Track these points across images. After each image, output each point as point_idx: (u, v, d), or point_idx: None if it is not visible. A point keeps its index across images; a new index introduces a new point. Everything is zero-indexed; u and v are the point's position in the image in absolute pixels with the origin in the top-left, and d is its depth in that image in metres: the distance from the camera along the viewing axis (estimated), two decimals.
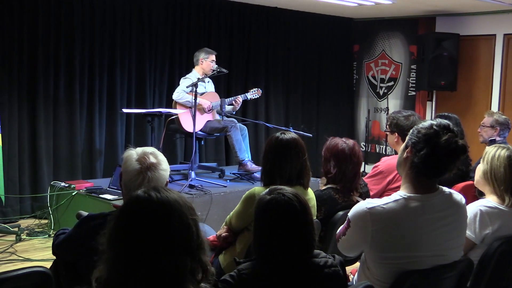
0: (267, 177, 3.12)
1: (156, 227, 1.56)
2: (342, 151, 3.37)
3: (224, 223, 3.27)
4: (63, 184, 5.71)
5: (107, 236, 1.60)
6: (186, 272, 1.56)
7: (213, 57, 6.31)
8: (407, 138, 2.43)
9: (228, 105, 6.34)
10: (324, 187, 3.45)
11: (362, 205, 2.35)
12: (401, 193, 2.36)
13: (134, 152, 2.53)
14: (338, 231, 2.53)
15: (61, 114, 6.34)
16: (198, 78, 6.05)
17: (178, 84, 6.32)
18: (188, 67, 7.01)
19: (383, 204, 2.31)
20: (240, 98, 6.40)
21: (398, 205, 2.31)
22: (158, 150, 2.59)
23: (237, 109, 6.48)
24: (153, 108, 6.86)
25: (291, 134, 3.21)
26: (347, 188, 3.40)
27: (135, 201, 1.61)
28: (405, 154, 2.40)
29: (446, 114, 4.66)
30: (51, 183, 5.87)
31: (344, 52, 9.26)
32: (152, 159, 2.50)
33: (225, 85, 7.74)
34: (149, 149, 2.56)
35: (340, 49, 9.19)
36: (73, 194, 5.53)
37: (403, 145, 2.44)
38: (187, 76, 6.29)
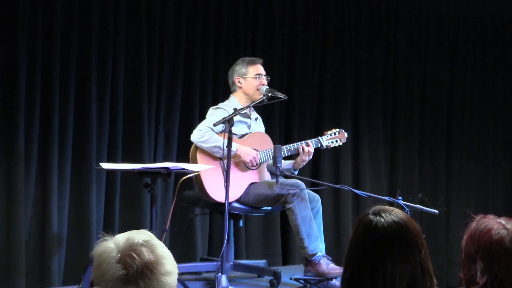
0: None
1: None
2: (498, 242, 3.32)
3: None
4: None
5: None
6: None
7: (259, 69, 6.36)
8: None
9: (288, 155, 6.32)
10: None
11: None
12: None
13: (112, 245, 2.51)
14: None
15: None
16: (235, 109, 6.03)
17: (203, 118, 6.37)
18: (217, 91, 7.09)
19: None
20: (311, 145, 6.37)
21: None
22: (163, 234, 2.55)
23: (306, 162, 6.45)
24: (154, 161, 6.95)
25: (395, 213, 3.16)
26: None
27: None
28: None
29: None
30: None
31: (505, 56, 9.26)
32: (145, 255, 2.48)
33: (281, 121, 7.81)
34: (139, 236, 2.54)
35: (497, 50, 9.19)
36: None
37: None
38: (220, 105, 6.37)
